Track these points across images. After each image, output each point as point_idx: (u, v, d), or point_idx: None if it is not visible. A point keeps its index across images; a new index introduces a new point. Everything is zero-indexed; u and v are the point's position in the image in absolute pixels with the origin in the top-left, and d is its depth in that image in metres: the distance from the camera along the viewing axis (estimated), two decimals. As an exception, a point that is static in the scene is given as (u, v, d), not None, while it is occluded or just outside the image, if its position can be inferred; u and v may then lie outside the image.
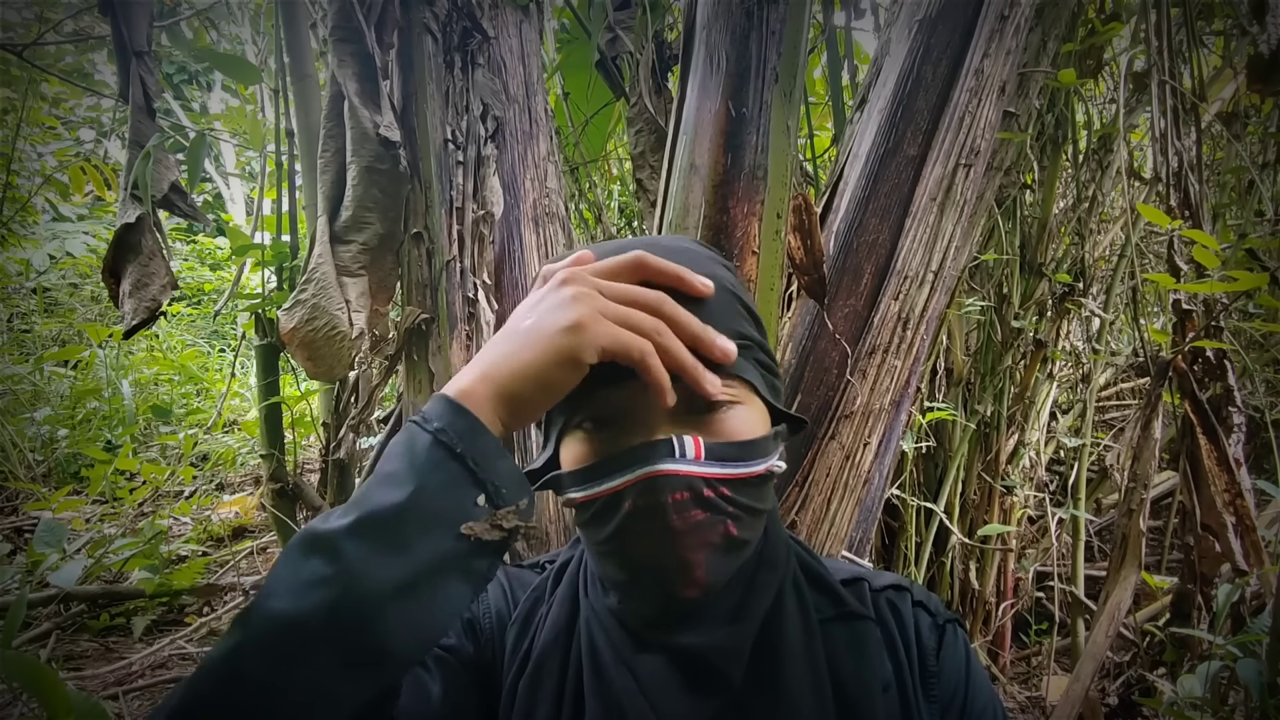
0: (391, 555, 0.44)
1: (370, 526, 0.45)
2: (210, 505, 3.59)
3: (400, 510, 0.45)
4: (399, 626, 0.44)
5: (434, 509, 0.46)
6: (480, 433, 0.48)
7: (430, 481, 0.46)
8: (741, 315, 0.61)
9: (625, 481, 0.54)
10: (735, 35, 1.20)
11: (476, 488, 0.47)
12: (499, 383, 0.49)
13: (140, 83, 1.73)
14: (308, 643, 0.42)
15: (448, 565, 0.46)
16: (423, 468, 0.46)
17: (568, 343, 0.49)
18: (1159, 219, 1.50)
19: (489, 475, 0.47)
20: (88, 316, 5.31)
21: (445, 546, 0.46)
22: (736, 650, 0.58)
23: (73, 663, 2.30)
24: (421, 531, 0.45)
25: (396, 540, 0.44)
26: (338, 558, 0.43)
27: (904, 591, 0.69)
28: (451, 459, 0.47)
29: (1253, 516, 1.56)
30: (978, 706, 0.65)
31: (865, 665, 0.62)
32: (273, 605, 0.43)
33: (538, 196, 1.75)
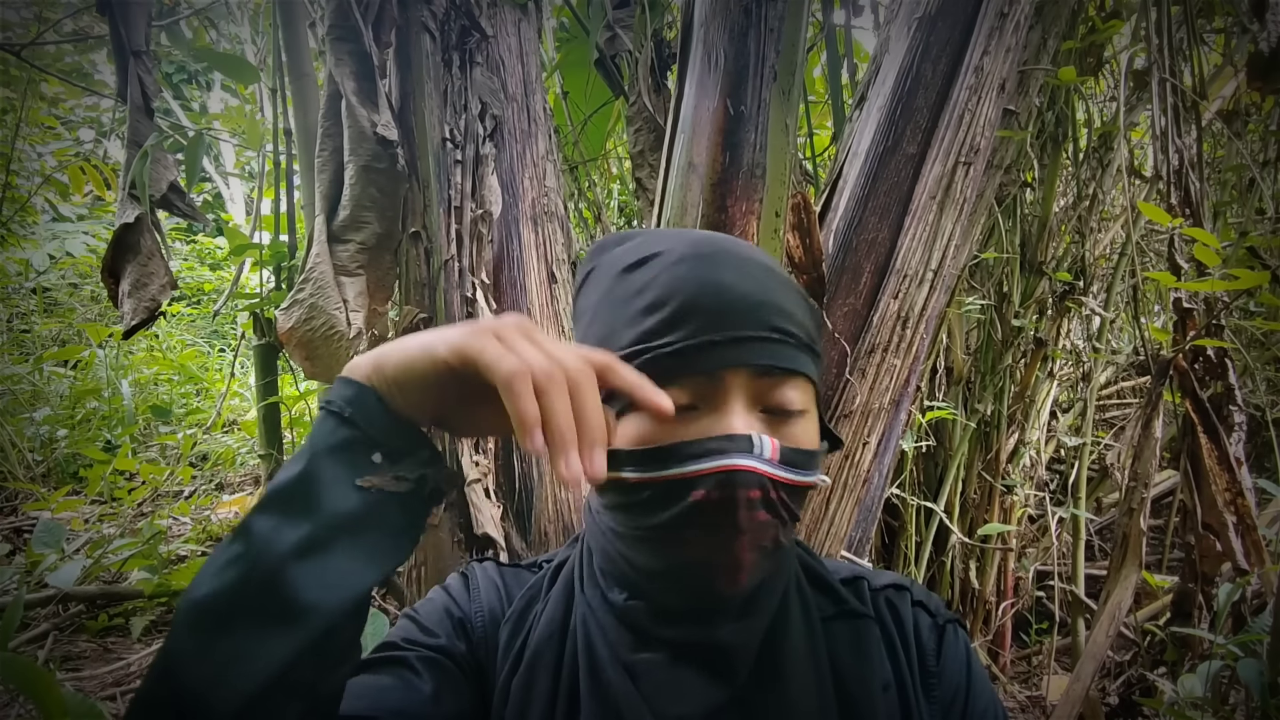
0: (295, 520, 0.47)
1: (274, 500, 0.48)
2: (210, 505, 3.59)
3: (300, 478, 0.48)
4: (307, 582, 0.46)
5: (332, 471, 0.48)
6: (366, 396, 0.50)
7: (324, 447, 0.49)
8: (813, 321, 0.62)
9: (701, 470, 0.53)
10: (733, 33, 1.20)
11: (370, 446, 0.49)
12: (380, 365, 0.52)
13: (139, 82, 1.73)
14: (225, 614, 0.45)
15: (359, 521, 0.48)
16: (317, 437, 0.50)
17: (441, 344, 0.50)
18: (1159, 217, 1.50)
19: (380, 434, 0.50)
20: (87, 316, 5.31)
21: (349, 504, 0.48)
22: (746, 646, 0.58)
23: (71, 663, 2.30)
24: (322, 493, 0.47)
25: (298, 506, 0.47)
26: (247, 535, 0.47)
27: (904, 591, 0.69)
28: (341, 424, 0.49)
29: (1254, 515, 1.56)
30: (979, 708, 0.64)
31: (866, 664, 0.62)
32: (193, 594, 0.45)
33: (536, 195, 1.74)
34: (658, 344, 0.55)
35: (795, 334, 0.57)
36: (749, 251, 0.61)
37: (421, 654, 0.61)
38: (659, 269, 0.58)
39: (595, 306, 0.62)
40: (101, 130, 5.15)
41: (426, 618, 0.65)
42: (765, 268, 0.60)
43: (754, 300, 0.56)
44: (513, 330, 0.50)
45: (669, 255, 0.59)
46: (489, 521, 1.46)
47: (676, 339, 0.55)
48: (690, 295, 0.56)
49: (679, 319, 0.55)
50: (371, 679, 0.59)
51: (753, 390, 0.56)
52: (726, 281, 0.56)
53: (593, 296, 0.64)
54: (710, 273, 0.57)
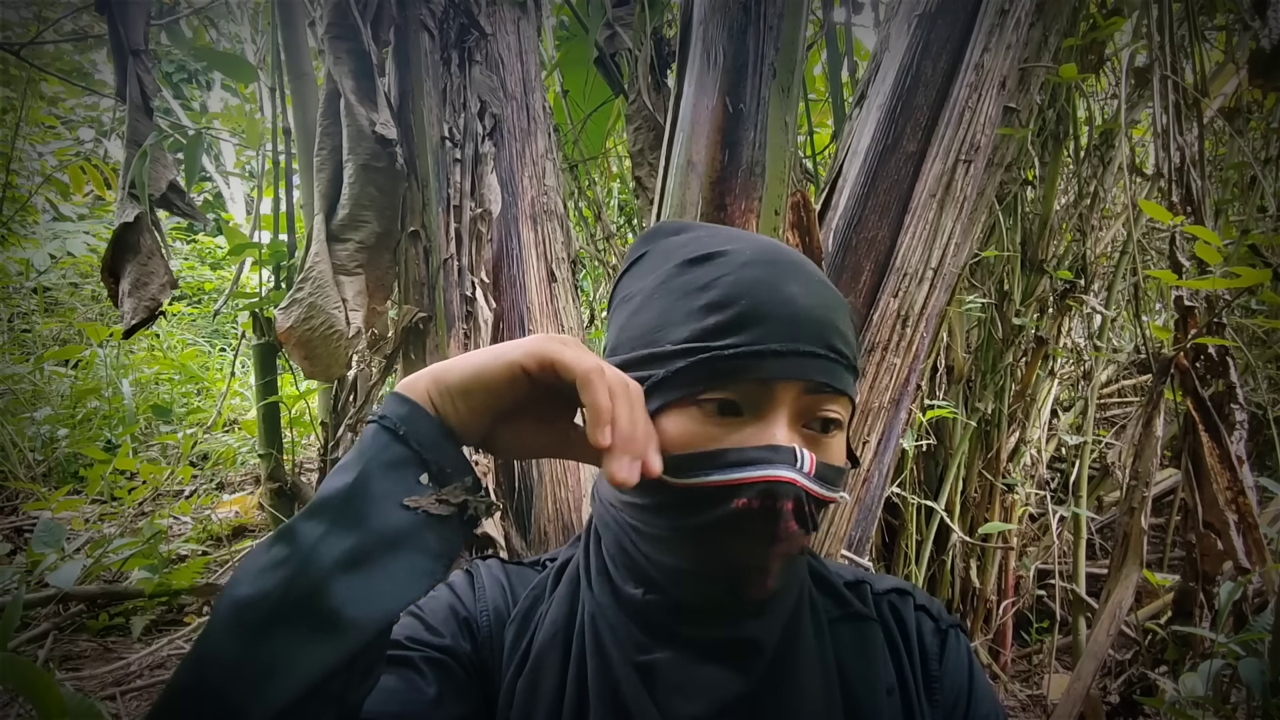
0: (342, 532, 0.47)
1: (322, 508, 0.48)
2: (210, 504, 3.59)
3: (349, 490, 0.49)
4: (351, 595, 0.46)
5: (380, 487, 0.49)
6: (421, 417, 0.51)
7: (375, 462, 0.50)
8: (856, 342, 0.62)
9: (746, 479, 0.54)
10: (732, 30, 1.19)
11: (420, 467, 0.51)
12: (441, 377, 0.53)
13: (138, 81, 1.72)
14: (267, 617, 0.45)
15: (400, 539, 0.49)
16: (368, 451, 0.50)
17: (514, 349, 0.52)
18: (1161, 215, 1.49)
19: (431, 455, 0.51)
20: (88, 316, 5.32)
21: (394, 521, 0.49)
22: (767, 641, 0.59)
23: (71, 663, 2.30)
24: (369, 508, 0.48)
25: (346, 518, 0.48)
26: (293, 540, 0.47)
27: (906, 595, 0.69)
28: (395, 441, 0.50)
29: (1255, 514, 1.56)
30: (980, 712, 0.64)
31: (870, 666, 0.62)
32: (235, 591, 0.46)
33: (536, 194, 1.74)
34: (717, 345, 0.55)
35: (847, 355, 0.58)
36: (810, 266, 0.61)
37: (427, 654, 0.60)
38: (727, 268, 0.58)
39: (647, 293, 0.61)
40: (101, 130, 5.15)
41: (432, 616, 0.64)
42: (827, 284, 0.60)
43: (817, 316, 0.56)
44: (574, 342, 0.53)
45: (737, 256, 0.58)
46: (489, 521, 1.46)
47: (738, 343, 0.55)
48: (758, 301, 0.55)
49: (743, 323, 0.55)
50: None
51: (801, 405, 0.56)
52: (793, 293, 0.56)
53: (644, 282, 0.63)
54: (780, 281, 0.57)
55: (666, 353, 0.57)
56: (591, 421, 0.50)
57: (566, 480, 1.57)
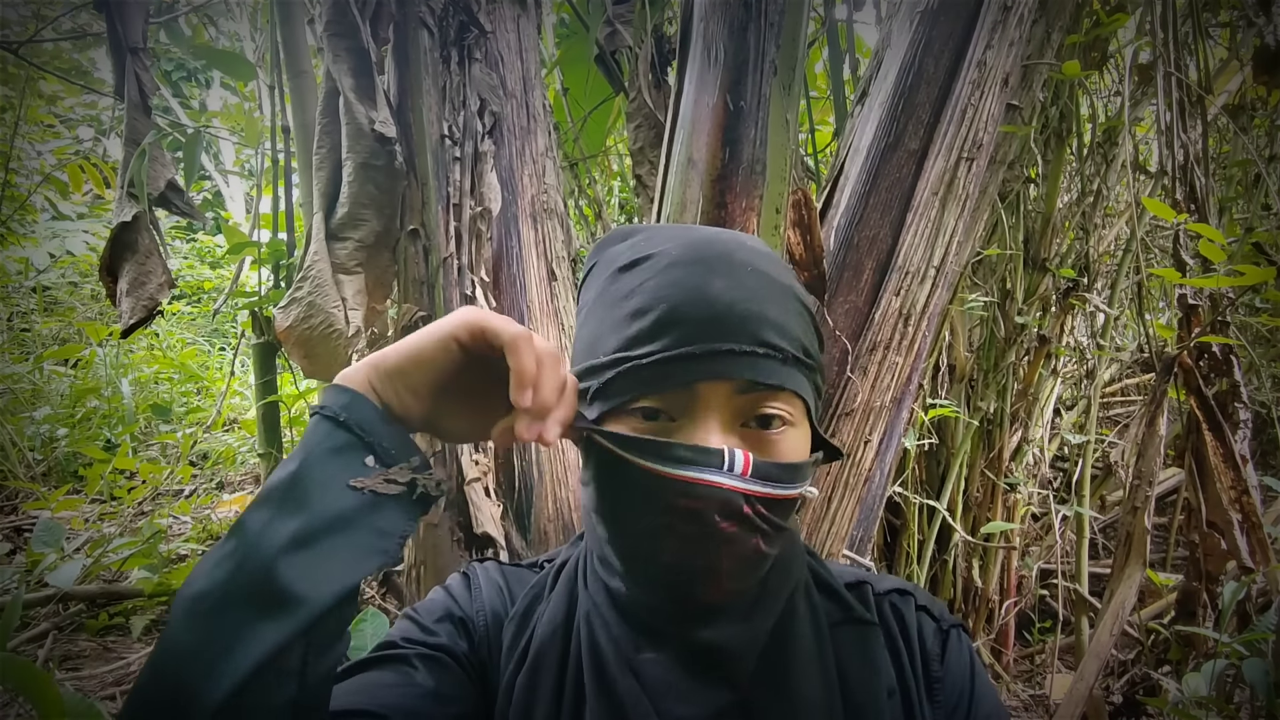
0: (287, 516, 0.49)
1: (267, 498, 0.50)
2: (210, 504, 3.58)
3: (292, 477, 0.50)
4: (300, 574, 0.47)
5: (324, 472, 0.51)
6: (361, 403, 0.53)
7: (318, 449, 0.51)
8: (811, 331, 0.61)
9: (669, 474, 0.54)
10: (733, 27, 1.18)
11: (364, 450, 0.52)
12: (379, 363, 0.54)
13: (136, 79, 1.72)
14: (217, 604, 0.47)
15: (349, 519, 0.50)
16: (310, 440, 0.52)
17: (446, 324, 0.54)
18: (1164, 213, 1.48)
19: (374, 438, 0.52)
20: (87, 315, 5.31)
21: (341, 503, 0.50)
22: (746, 649, 0.58)
23: (71, 663, 2.29)
24: (314, 492, 0.50)
25: (291, 503, 0.49)
26: (240, 532, 0.49)
27: (908, 596, 0.69)
28: (337, 428, 0.52)
29: (1259, 513, 1.55)
30: (982, 713, 0.64)
31: (871, 670, 0.62)
32: (189, 588, 0.48)
33: (536, 192, 1.73)
34: (636, 354, 0.55)
35: (784, 348, 0.56)
36: (749, 255, 0.59)
37: (421, 651, 0.61)
38: (650, 272, 0.57)
39: (590, 305, 0.63)
40: (100, 128, 5.15)
41: (427, 616, 0.65)
42: (763, 275, 0.58)
43: (741, 311, 0.54)
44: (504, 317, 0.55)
45: (661, 258, 0.58)
46: (489, 520, 1.45)
47: (655, 350, 0.54)
48: (674, 304, 0.55)
49: (660, 329, 0.54)
50: (370, 676, 0.59)
51: (734, 405, 0.55)
52: (715, 290, 0.55)
53: (589, 294, 0.64)
54: (699, 280, 0.55)
55: (601, 364, 0.57)
56: (514, 383, 0.51)
57: (567, 480, 1.57)
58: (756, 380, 0.54)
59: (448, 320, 0.54)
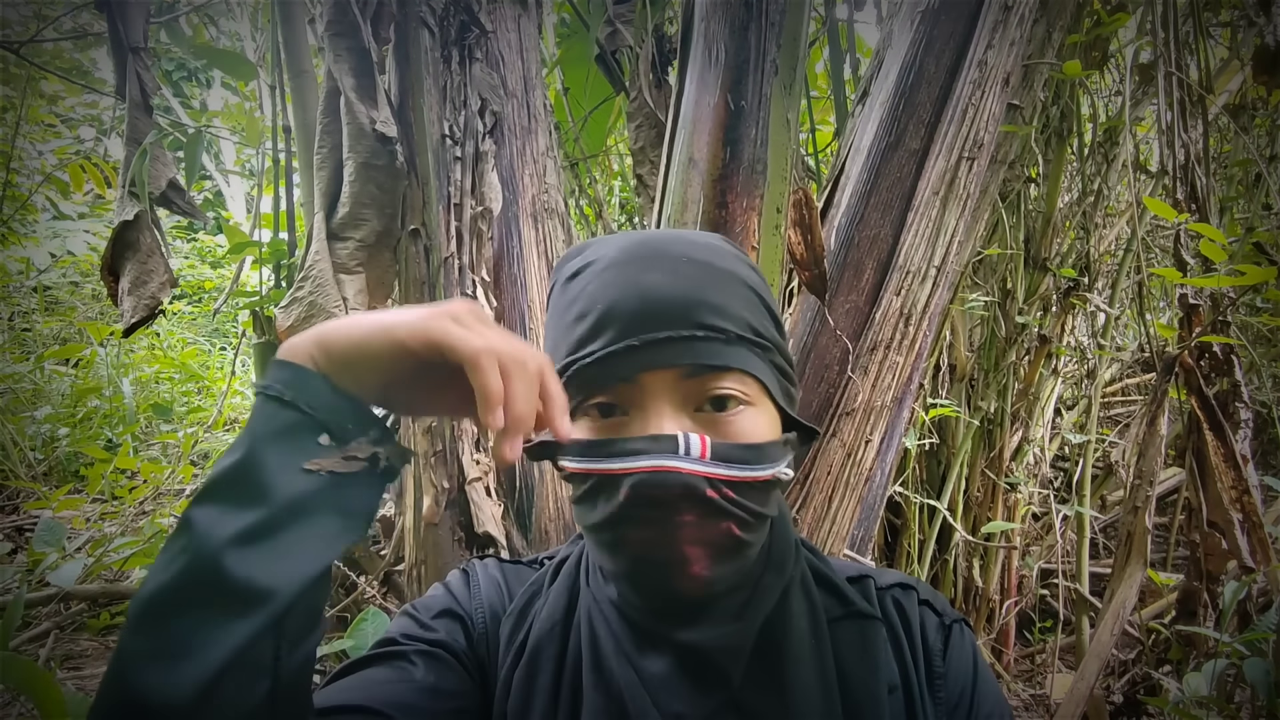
0: (237, 509, 0.45)
1: (213, 488, 0.46)
2: (211, 503, 3.58)
3: (239, 466, 0.46)
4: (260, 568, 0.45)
5: (276, 457, 0.47)
6: (308, 378, 0.49)
7: (265, 432, 0.47)
8: (760, 311, 0.60)
9: (627, 469, 0.54)
10: (734, 27, 1.18)
11: (317, 428, 0.48)
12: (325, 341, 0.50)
13: (137, 79, 1.72)
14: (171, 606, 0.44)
15: (307, 503, 0.47)
16: (256, 423, 0.48)
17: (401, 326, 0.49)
18: (1165, 212, 1.48)
19: (325, 414, 0.48)
20: (88, 315, 5.31)
21: (296, 487, 0.47)
22: (736, 649, 0.58)
23: (72, 662, 2.30)
24: (264, 479, 0.46)
25: (240, 495, 0.46)
26: (188, 528, 0.45)
27: (910, 590, 0.68)
28: (283, 407, 0.48)
29: (1259, 513, 1.55)
30: (985, 709, 0.64)
31: (872, 666, 0.61)
32: (141, 592, 0.45)
33: (537, 192, 1.73)
34: (582, 355, 0.56)
35: (725, 329, 0.56)
36: (687, 248, 0.60)
37: (419, 648, 0.61)
38: (589, 278, 0.59)
39: (547, 319, 0.64)
40: (101, 128, 5.15)
41: (425, 613, 0.65)
42: (701, 263, 0.58)
43: (678, 299, 0.55)
44: (469, 315, 0.50)
45: (600, 262, 0.59)
46: (489, 520, 1.45)
47: (598, 348, 0.55)
48: (611, 301, 0.56)
49: (600, 327, 0.56)
50: (368, 673, 0.59)
51: (682, 391, 0.56)
52: (650, 283, 0.56)
53: (549, 309, 0.65)
54: (635, 276, 0.57)
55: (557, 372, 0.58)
56: (481, 405, 0.48)
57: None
58: (699, 363, 0.55)
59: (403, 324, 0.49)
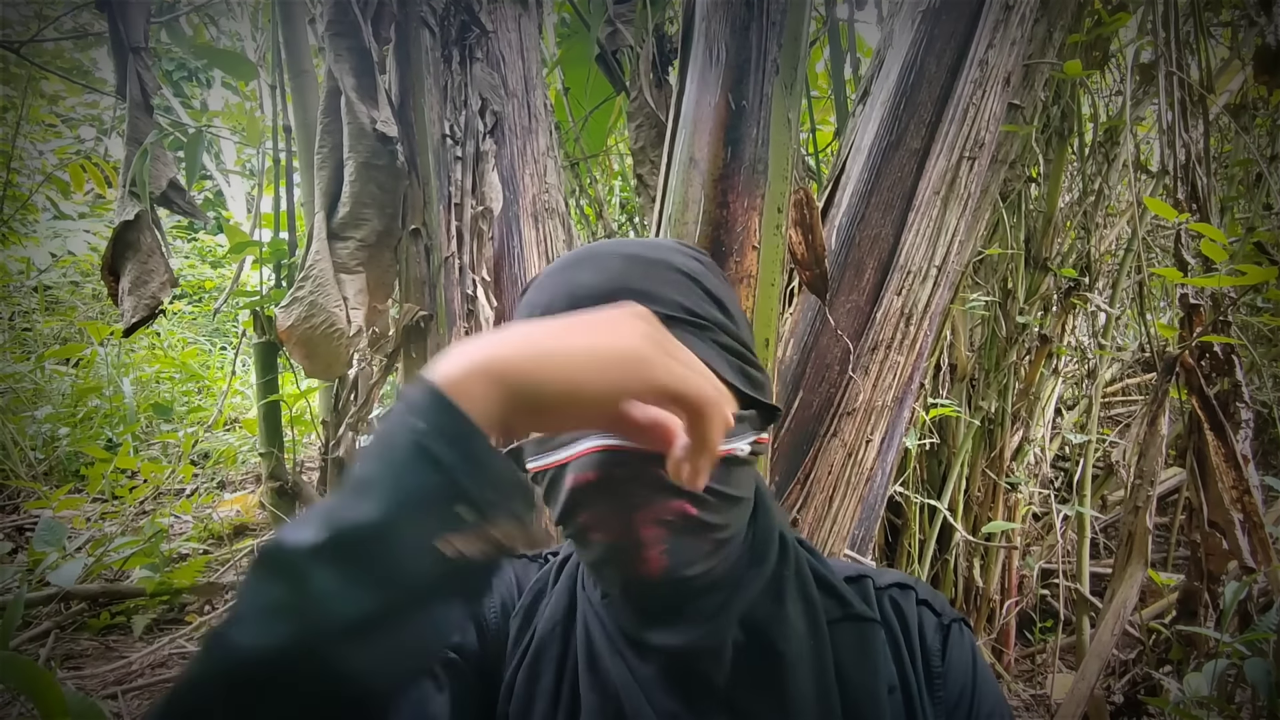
0: (362, 583, 0.38)
1: (339, 549, 0.39)
2: (211, 503, 3.59)
3: (374, 530, 0.39)
4: (371, 661, 0.39)
5: (413, 526, 0.40)
6: (471, 435, 0.41)
7: (409, 494, 0.40)
8: (696, 294, 0.60)
9: (570, 456, 0.54)
10: (735, 26, 1.18)
11: (462, 500, 0.40)
12: (507, 379, 0.42)
13: (138, 79, 1.72)
14: (270, 681, 0.38)
15: (430, 588, 0.40)
16: (401, 476, 0.40)
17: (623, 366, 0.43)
18: (1166, 212, 1.48)
19: (477, 485, 0.41)
20: (89, 314, 5.32)
21: (423, 568, 0.40)
22: (712, 650, 0.57)
23: (72, 661, 2.30)
24: (398, 554, 0.39)
25: (369, 565, 0.39)
26: (302, 585, 0.38)
27: (908, 590, 0.68)
28: (435, 468, 0.40)
29: (1260, 513, 1.55)
30: (984, 709, 0.63)
31: (871, 668, 0.61)
32: (234, 637, 0.38)
33: (537, 192, 1.73)
34: None
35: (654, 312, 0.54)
36: (618, 247, 0.61)
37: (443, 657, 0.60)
38: (532, 292, 0.61)
39: None
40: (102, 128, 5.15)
41: None
42: (628, 257, 0.59)
43: (602, 292, 0.56)
44: (674, 344, 0.46)
45: (539, 277, 0.62)
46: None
47: None
48: (545, 305, 0.57)
49: None
50: None
51: None
52: (578, 282, 0.57)
53: None
54: (567, 279, 0.58)
55: None
56: (694, 454, 0.45)
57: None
58: None
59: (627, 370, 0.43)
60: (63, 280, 5.36)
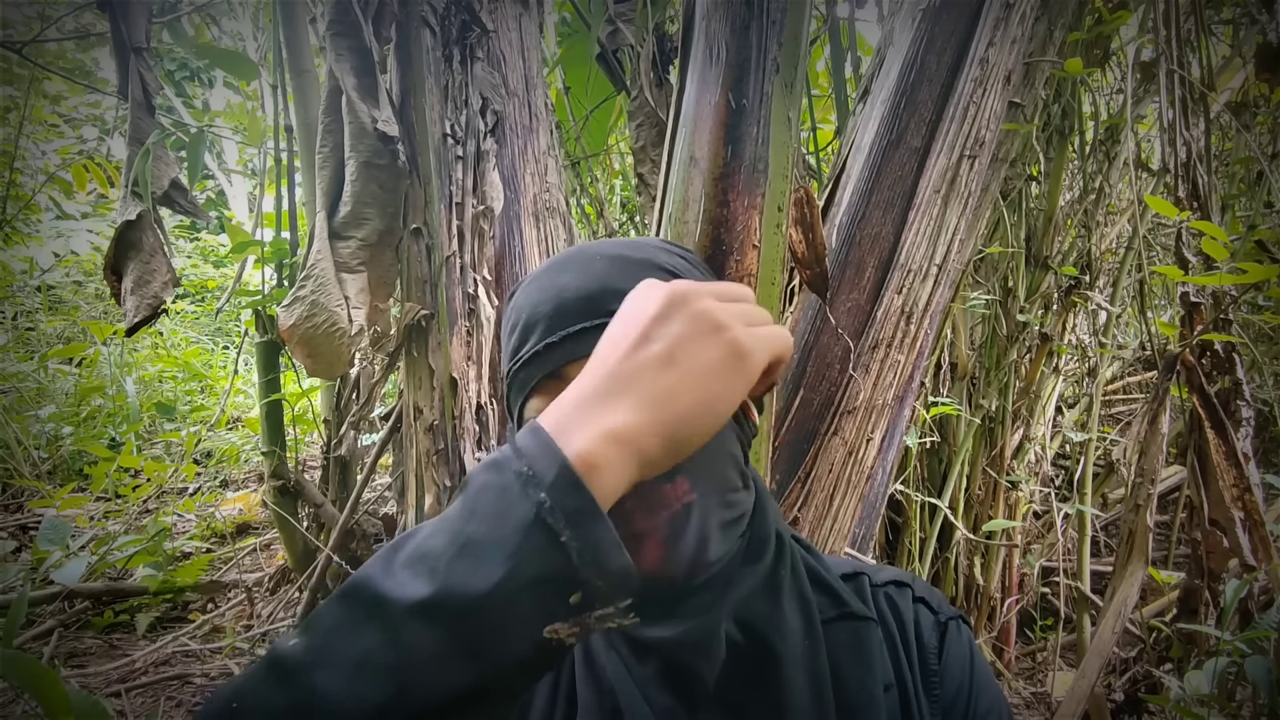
0: (465, 655, 0.37)
1: (445, 613, 0.37)
2: (214, 502, 3.60)
3: (486, 601, 0.37)
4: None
5: (522, 605, 0.38)
6: (595, 520, 0.39)
7: (526, 573, 0.37)
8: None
9: None
10: (735, 25, 1.18)
11: (574, 585, 0.38)
12: (648, 449, 0.41)
13: (139, 79, 1.72)
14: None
15: (524, 670, 0.39)
16: (517, 552, 0.38)
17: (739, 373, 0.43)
18: (1167, 210, 1.48)
19: (593, 574, 0.38)
20: (92, 314, 5.33)
21: (524, 649, 0.38)
22: (703, 645, 0.56)
23: (76, 660, 2.31)
24: (505, 630, 0.37)
25: (475, 637, 0.37)
26: (400, 643, 0.36)
27: (905, 587, 0.68)
28: (555, 549, 0.38)
29: (1261, 511, 1.55)
30: (982, 707, 0.63)
31: (867, 668, 0.61)
32: (321, 682, 0.36)
33: (538, 191, 1.73)
34: (514, 360, 0.59)
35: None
36: (602, 248, 0.62)
37: None
38: (518, 295, 0.62)
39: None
40: (104, 128, 5.16)
41: None
42: (612, 258, 0.60)
43: (590, 293, 0.57)
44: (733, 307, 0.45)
45: (525, 279, 0.63)
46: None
47: (525, 351, 0.58)
48: (532, 308, 0.59)
49: (527, 332, 0.58)
50: None
51: None
52: (563, 283, 0.58)
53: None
54: (552, 280, 0.59)
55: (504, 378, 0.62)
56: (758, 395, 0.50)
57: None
58: None
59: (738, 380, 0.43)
60: (66, 280, 5.37)
